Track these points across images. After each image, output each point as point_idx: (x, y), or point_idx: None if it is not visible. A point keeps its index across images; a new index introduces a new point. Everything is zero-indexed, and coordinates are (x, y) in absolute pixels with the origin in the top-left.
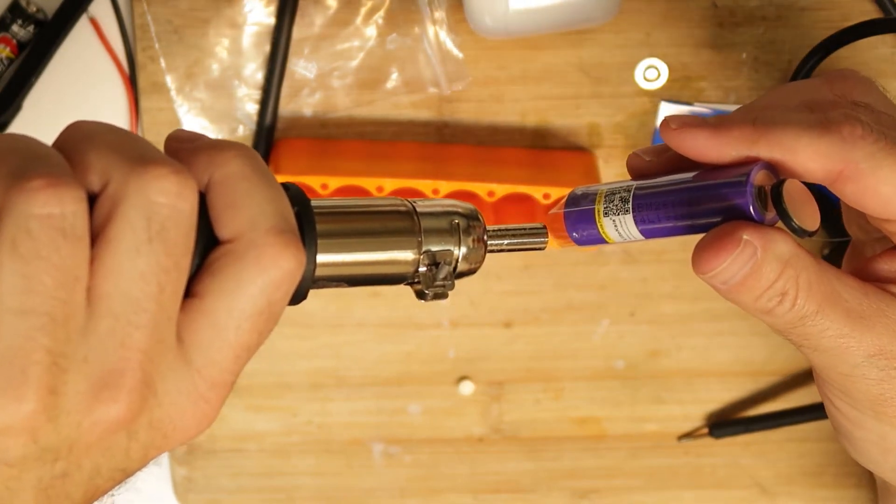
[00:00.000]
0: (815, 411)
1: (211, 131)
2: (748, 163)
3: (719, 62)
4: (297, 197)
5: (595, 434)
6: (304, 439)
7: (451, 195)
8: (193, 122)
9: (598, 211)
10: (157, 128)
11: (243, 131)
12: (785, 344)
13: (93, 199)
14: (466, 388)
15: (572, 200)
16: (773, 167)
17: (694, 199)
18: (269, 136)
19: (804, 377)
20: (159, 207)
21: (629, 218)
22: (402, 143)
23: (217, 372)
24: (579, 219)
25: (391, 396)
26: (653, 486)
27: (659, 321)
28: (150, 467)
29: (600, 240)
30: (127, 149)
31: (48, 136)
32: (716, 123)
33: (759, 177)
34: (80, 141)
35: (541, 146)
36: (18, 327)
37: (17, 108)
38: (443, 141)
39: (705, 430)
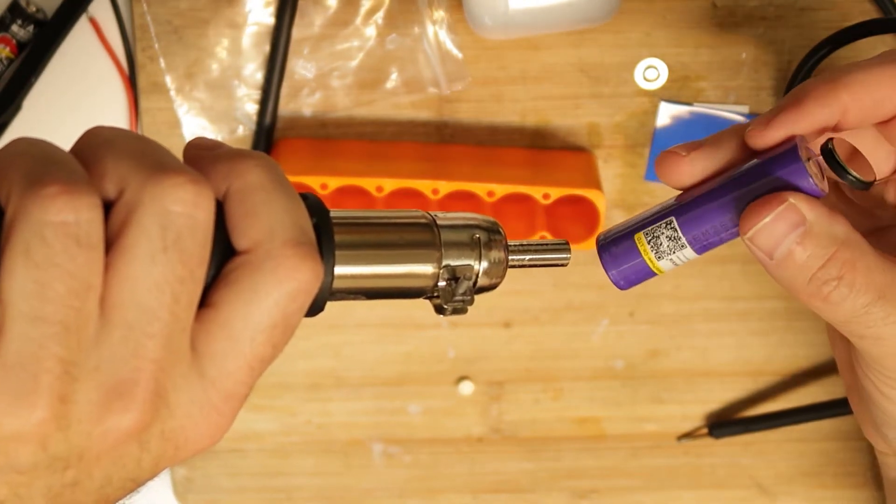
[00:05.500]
0: (814, 411)
1: (210, 131)
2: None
3: (719, 62)
4: (316, 207)
5: (595, 434)
6: (304, 439)
7: (450, 195)
8: (193, 122)
9: (651, 260)
10: (157, 128)
11: (243, 131)
12: (785, 344)
13: (108, 207)
14: (466, 388)
15: (605, 249)
16: (807, 146)
17: (744, 191)
18: (268, 137)
19: (804, 377)
20: (175, 216)
21: (688, 252)
22: (402, 143)
23: (231, 384)
24: (632, 272)
25: (391, 396)
26: (652, 486)
27: (658, 321)
28: None
29: (650, 275)
30: (144, 156)
31: (48, 137)
32: (794, 94)
33: (802, 150)
34: (97, 147)
35: (540, 146)
36: (31, 335)
37: (17, 108)
38: (442, 141)
39: (705, 430)
